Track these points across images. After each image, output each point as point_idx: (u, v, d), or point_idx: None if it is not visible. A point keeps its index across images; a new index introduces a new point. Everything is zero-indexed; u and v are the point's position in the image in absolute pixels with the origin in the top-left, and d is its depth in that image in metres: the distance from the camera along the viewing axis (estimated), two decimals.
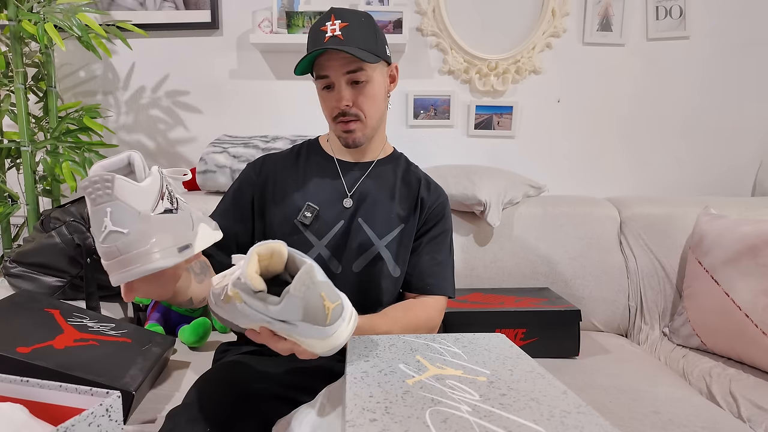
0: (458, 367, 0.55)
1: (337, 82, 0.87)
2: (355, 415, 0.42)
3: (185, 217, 0.56)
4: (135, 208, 0.48)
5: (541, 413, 0.43)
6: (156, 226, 0.50)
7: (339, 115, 0.89)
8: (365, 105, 0.89)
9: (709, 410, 0.96)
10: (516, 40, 1.67)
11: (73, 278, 1.26)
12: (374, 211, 0.94)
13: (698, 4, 1.63)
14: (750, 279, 1.12)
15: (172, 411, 0.73)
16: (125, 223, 0.48)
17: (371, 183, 0.96)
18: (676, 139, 1.72)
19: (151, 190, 0.51)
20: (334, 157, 0.99)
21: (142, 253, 0.48)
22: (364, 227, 0.93)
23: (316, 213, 0.92)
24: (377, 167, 0.99)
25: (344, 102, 0.87)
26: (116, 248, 0.47)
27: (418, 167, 1.05)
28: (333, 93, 0.88)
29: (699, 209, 1.38)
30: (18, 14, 1.32)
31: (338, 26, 0.85)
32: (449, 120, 1.71)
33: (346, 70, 0.86)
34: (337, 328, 0.54)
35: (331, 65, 0.86)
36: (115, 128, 1.71)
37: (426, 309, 0.92)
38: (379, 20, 1.58)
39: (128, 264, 0.48)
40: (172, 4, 1.64)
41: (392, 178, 0.99)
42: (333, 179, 0.96)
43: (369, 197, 0.95)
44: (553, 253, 1.42)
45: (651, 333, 1.38)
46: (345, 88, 0.87)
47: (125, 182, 0.48)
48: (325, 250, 0.91)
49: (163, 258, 0.49)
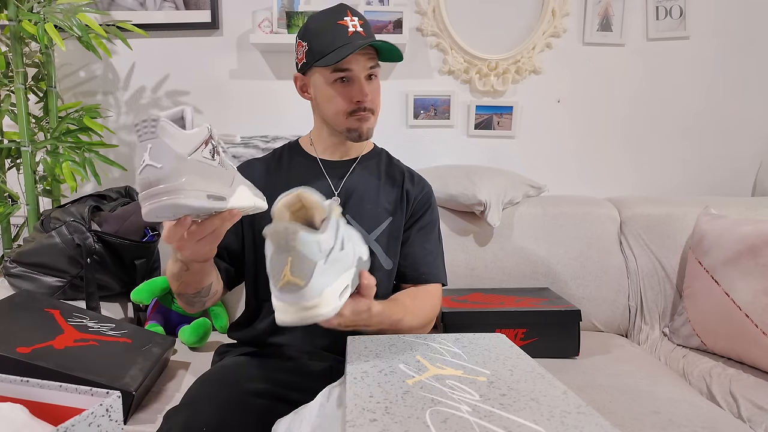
0: (458, 367, 0.55)
1: (359, 77, 0.88)
2: (355, 415, 0.42)
3: (224, 173, 0.60)
4: (173, 148, 0.52)
5: (541, 413, 0.43)
6: (190, 168, 0.53)
7: (357, 110, 0.89)
8: (376, 99, 0.92)
9: (709, 410, 0.96)
10: (516, 40, 1.67)
11: (73, 278, 1.26)
12: (362, 207, 0.95)
13: (698, 4, 1.63)
14: (750, 279, 1.12)
15: (169, 411, 0.73)
16: (161, 159, 0.51)
17: (356, 179, 0.98)
18: (676, 139, 1.72)
19: (193, 139, 0.55)
20: (318, 157, 1.00)
21: (171, 188, 0.51)
22: (353, 223, 0.93)
23: None
24: (361, 163, 1.00)
25: (369, 96, 0.89)
26: (148, 180, 0.51)
27: (400, 161, 1.07)
28: (352, 86, 0.88)
29: (699, 209, 1.38)
30: (18, 14, 1.32)
31: (357, 22, 0.87)
32: (449, 120, 1.71)
33: (369, 65, 0.88)
34: (286, 301, 0.53)
35: (357, 59, 0.86)
36: (115, 128, 1.71)
37: (430, 296, 0.95)
38: (379, 20, 1.58)
39: (157, 195, 0.51)
40: (172, 4, 1.64)
41: (376, 172, 1.00)
42: (318, 179, 0.97)
43: (355, 194, 0.96)
44: (553, 253, 1.42)
45: (651, 333, 1.38)
46: (365, 82, 0.88)
47: (169, 125, 0.52)
48: None
49: (188, 197, 0.52)
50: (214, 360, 0.98)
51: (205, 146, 0.56)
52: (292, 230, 0.50)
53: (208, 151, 0.56)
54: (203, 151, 0.55)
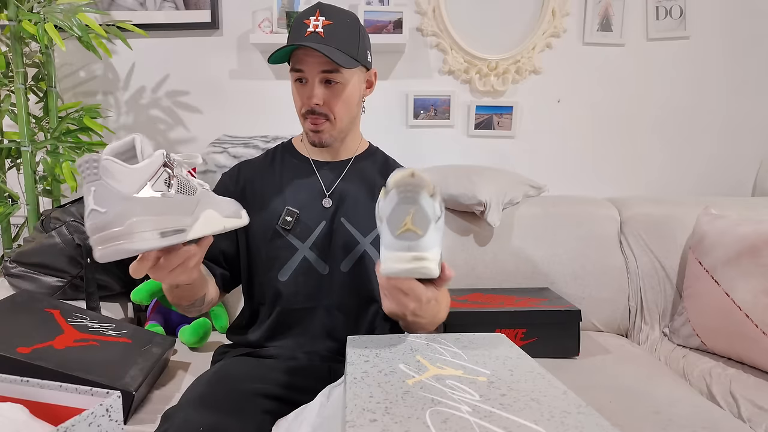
0: (458, 367, 0.55)
1: (311, 79, 0.86)
2: (355, 416, 0.42)
3: (184, 201, 0.57)
4: (118, 189, 0.50)
5: (542, 413, 0.43)
6: (139, 207, 0.51)
7: (308, 112, 0.88)
8: (336, 107, 0.88)
9: (709, 410, 0.96)
10: (516, 40, 1.67)
11: (73, 278, 1.26)
12: (356, 209, 0.93)
13: (698, 4, 1.63)
14: (750, 279, 1.12)
15: (168, 411, 0.73)
16: (106, 202, 0.49)
17: (350, 181, 0.96)
18: (676, 139, 1.72)
19: (142, 173, 0.52)
20: (309, 157, 0.98)
21: (118, 233, 0.49)
22: (347, 226, 0.92)
23: (296, 216, 0.92)
24: (355, 164, 0.98)
25: (315, 100, 0.86)
26: (96, 226, 0.49)
27: (396, 161, 1.04)
28: (305, 88, 0.87)
29: (699, 209, 1.38)
30: (18, 14, 1.32)
31: (321, 23, 0.83)
32: (449, 120, 1.71)
33: (321, 69, 0.84)
34: (401, 249, 0.57)
35: (308, 61, 0.84)
36: (116, 128, 1.71)
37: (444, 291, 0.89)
38: (379, 20, 1.58)
39: (106, 241, 0.49)
40: (172, 4, 1.64)
41: (371, 173, 0.98)
42: (310, 180, 0.95)
43: (349, 196, 0.94)
44: (553, 253, 1.42)
45: (651, 333, 1.38)
46: (318, 86, 0.86)
47: (112, 163, 0.49)
48: (310, 252, 0.91)
49: (137, 241, 0.50)
50: (214, 360, 0.98)
51: (157, 177, 0.53)
52: (420, 187, 0.57)
53: (162, 181, 0.53)
54: (155, 184, 0.53)
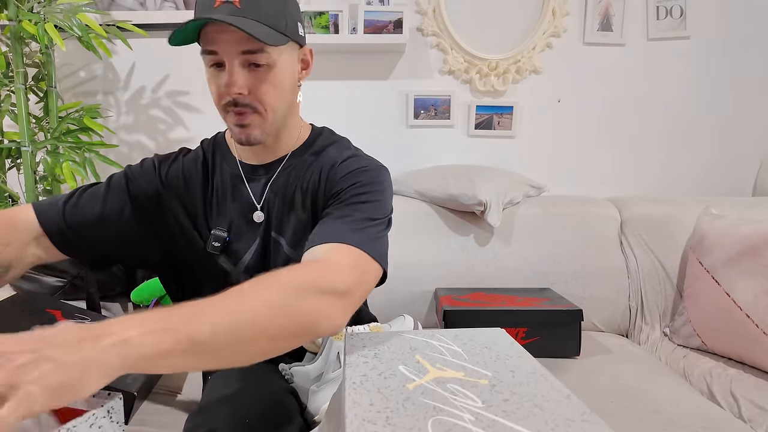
0: (459, 368, 0.55)
1: (228, 63, 0.67)
2: (355, 427, 0.42)
3: None
4: None
5: (545, 421, 0.43)
6: None
7: (229, 104, 0.70)
8: (266, 95, 0.70)
9: (710, 410, 0.97)
10: (516, 40, 1.66)
11: (74, 278, 1.25)
12: (288, 219, 0.79)
13: (698, 4, 1.62)
14: (751, 279, 1.12)
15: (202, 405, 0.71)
16: None
17: (281, 185, 0.80)
18: (676, 139, 1.72)
19: None
20: (239, 159, 0.82)
21: None
22: (280, 242, 0.79)
23: (223, 240, 0.79)
24: (289, 161, 0.81)
25: (236, 89, 0.68)
26: None
27: (342, 144, 0.84)
28: (223, 74, 0.69)
29: (699, 209, 1.38)
30: (18, 14, 1.32)
31: None
32: (449, 120, 1.71)
33: (241, 48, 0.66)
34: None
35: (222, 39, 0.66)
36: (116, 128, 1.71)
37: (314, 261, 0.62)
38: (380, 20, 1.58)
39: None
40: (173, 4, 1.63)
41: (304, 168, 0.80)
42: (240, 190, 0.80)
43: (278, 204, 0.79)
44: (554, 253, 1.42)
45: (651, 333, 1.38)
46: (239, 71, 0.68)
47: None
48: (244, 276, 0.78)
49: None
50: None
51: None
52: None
53: None
54: None
